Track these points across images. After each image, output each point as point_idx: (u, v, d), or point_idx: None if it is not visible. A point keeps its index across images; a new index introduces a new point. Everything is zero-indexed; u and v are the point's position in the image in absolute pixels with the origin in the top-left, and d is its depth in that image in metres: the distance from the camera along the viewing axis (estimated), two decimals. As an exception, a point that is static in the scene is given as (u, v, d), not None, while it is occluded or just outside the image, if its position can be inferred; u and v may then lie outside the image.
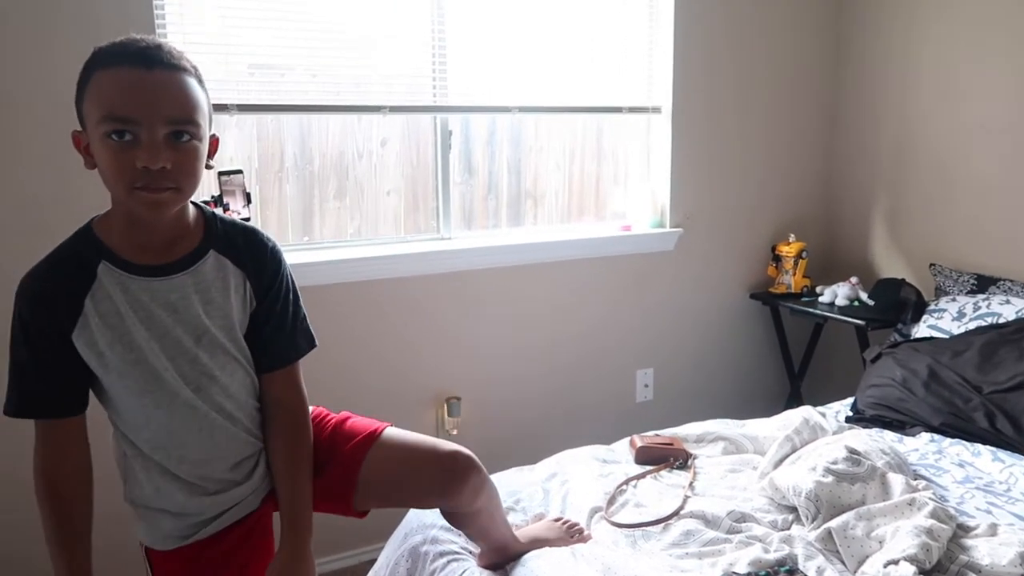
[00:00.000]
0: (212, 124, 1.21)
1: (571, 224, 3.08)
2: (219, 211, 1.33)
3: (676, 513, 1.77)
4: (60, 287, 1.15)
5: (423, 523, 1.77)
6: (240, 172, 2.35)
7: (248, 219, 2.35)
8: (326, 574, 2.58)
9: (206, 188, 2.39)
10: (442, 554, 1.67)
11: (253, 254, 1.28)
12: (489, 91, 2.74)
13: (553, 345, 2.93)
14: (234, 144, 2.47)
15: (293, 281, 1.37)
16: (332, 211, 2.66)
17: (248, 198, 2.36)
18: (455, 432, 2.74)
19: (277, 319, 1.32)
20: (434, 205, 2.78)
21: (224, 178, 2.32)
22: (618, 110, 3.00)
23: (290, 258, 2.42)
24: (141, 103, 1.08)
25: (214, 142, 1.23)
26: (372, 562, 1.92)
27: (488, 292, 2.77)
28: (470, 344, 2.77)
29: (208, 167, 1.22)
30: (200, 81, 1.17)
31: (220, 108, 2.31)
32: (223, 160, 2.43)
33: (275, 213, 2.57)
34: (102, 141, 1.09)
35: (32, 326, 1.15)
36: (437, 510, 1.57)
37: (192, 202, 1.25)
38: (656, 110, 3.05)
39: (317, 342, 1.40)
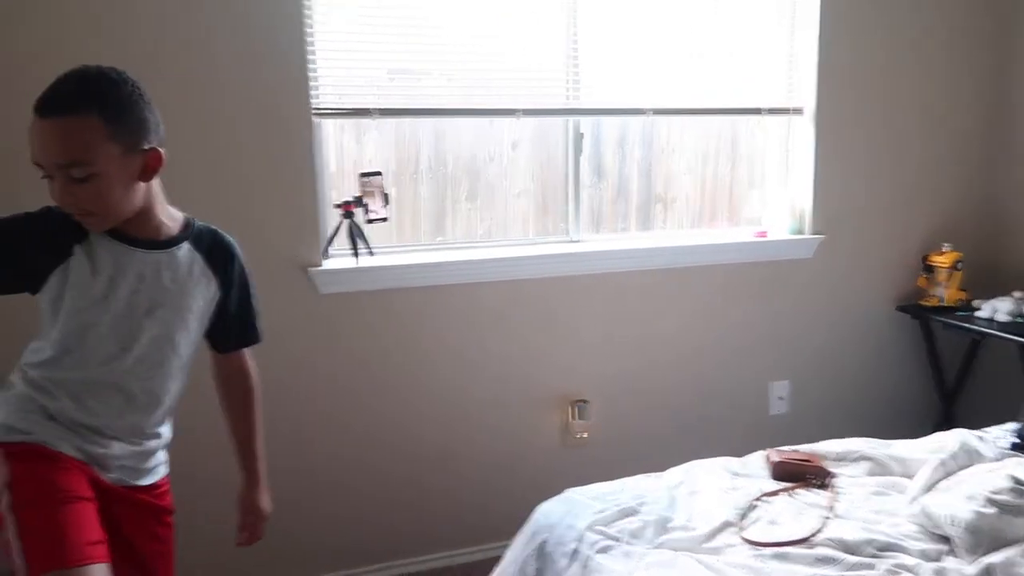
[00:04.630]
0: (144, 143, 1.29)
1: (703, 229, 2.99)
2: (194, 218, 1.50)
3: (815, 534, 1.68)
4: (66, 230, 1.30)
5: (549, 522, 1.77)
6: (379, 174, 2.44)
7: (386, 219, 2.44)
8: (451, 568, 2.63)
9: (350, 190, 2.49)
10: (568, 554, 1.66)
11: (215, 251, 1.46)
12: (622, 93, 2.71)
13: (683, 352, 2.86)
14: (374, 147, 2.57)
15: (251, 280, 1.56)
16: (464, 212, 2.71)
17: (386, 199, 2.44)
18: (582, 435, 2.73)
19: (241, 306, 1.53)
20: (564, 208, 2.77)
21: (364, 179, 2.42)
22: (756, 112, 2.89)
23: (423, 257, 2.53)
24: (38, 151, 1.24)
25: (151, 158, 1.31)
26: (497, 559, 1.93)
27: (617, 296, 2.74)
28: (599, 347, 2.74)
29: (144, 180, 1.31)
30: (107, 113, 1.24)
31: (362, 112, 2.41)
32: (364, 162, 2.53)
33: (410, 214, 2.65)
34: None
35: (26, 231, 1.29)
36: (565, 508, 1.56)
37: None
38: (797, 111, 2.92)
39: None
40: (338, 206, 2.41)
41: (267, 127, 2.27)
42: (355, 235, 2.40)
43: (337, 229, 2.42)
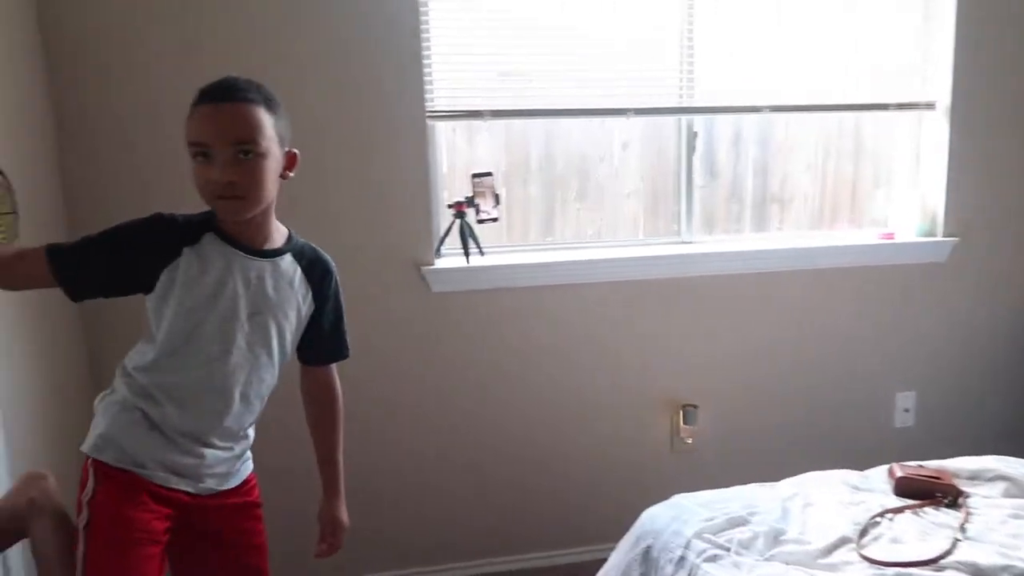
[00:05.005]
0: (286, 143, 1.41)
1: (822, 230, 2.87)
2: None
3: (943, 557, 1.58)
4: (176, 232, 1.39)
5: (656, 528, 1.75)
6: (490, 175, 2.48)
7: (496, 219, 2.48)
8: (555, 567, 2.64)
9: (461, 190, 2.54)
10: (674, 561, 1.63)
11: (316, 267, 1.53)
12: (738, 90, 2.63)
13: (800, 358, 2.74)
14: (485, 148, 2.61)
15: (342, 298, 1.61)
16: (573, 213, 2.71)
17: (497, 199, 2.47)
18: (690, 441, 2.67)
19: (334, 323, 1.59)
20: (675, 208, 2.73)
21: (476, 180, 2.46)
22: (884, 107, 2.73)
23: (532, 257, 2.55)
24: (211, 130, 1.32)
25: (291, 157, 1.43)
26: (601, 561, 1.93)
27: (730, 299, 2.66)
28: (709, 352, 2.68)
29: (284, 178, 1.42)
30: (271, 109, 1.36)
31: (474, 114, 2.46)
32: (475, 163, 2.58)
33: (520, 213, 2.67)
34: (192, 161, 1.34)
35: (137, 240, 1.37)
36: (672, 514, 1.54)
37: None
38: (929, 106, 2.74)
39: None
40: (450, 206, 2.46)
41: (384, 130, 2.34)
42: (466, 235, 2.45)
43: (449, 229, 2.48)
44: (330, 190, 2.33)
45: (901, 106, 2.74)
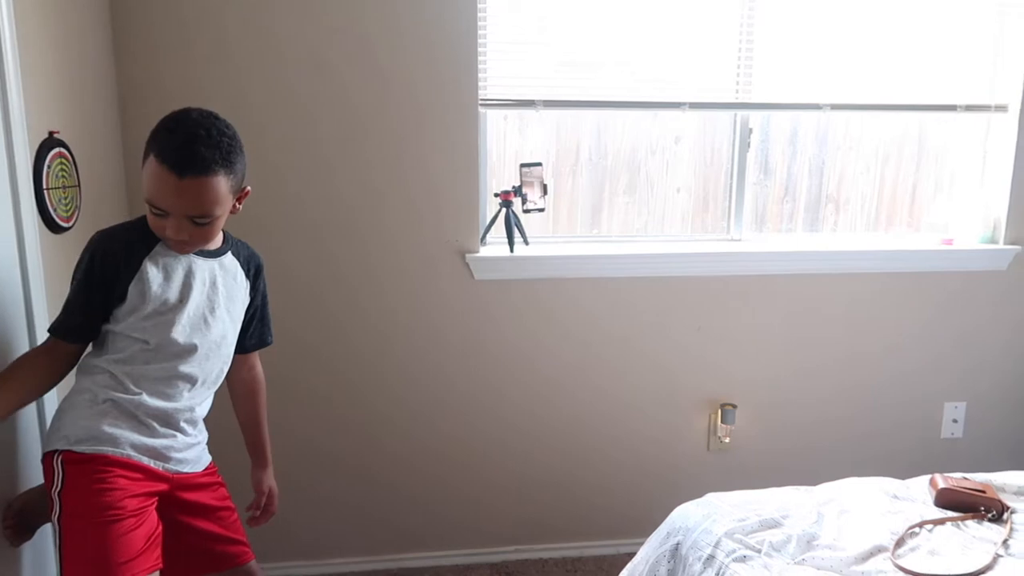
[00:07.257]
0: (243, 182, 1.47)
1: (878, 233, 2.80)
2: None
3: (983, 572, 1.54)
4: (131, 251, 1.44)
5: (686, 525, 1.74)
6: (539, 165, 2.48)
7: (543, 209, 2.48)
8: (583, 559, 2.65)
9: (508, 179, 2.56)
10: (702, 559, 1.63)
11: (251, 262, 1.64)
12: (797, 87, 2.57)
13: (846, 363, 2.69)
14: (535, 138, 2.61)
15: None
16: (621, 206, 2.70)
17: (545, 189, 2.48)
18: (727, 440, 2.65)
19: (261, 312, 1.71)
20: (725, 205, 2.69)
21: (525, 170, 2.47)
22: (951, 108, 2.64)
23: (577, 249, 2.56)
24: (170, 202, 1.38)
25: (244, 193, 1.50)
26: (630, 555, 1.93)
27: (777, 299, 2.62)
28: (752, 351, 2.64)
29: (233, 211, 1.48)
30: (229, 169, 1.40)
31: (527, 104, 2.46)
32: (524, 153, 2.58)
33: (567, 205, 2.67)
34: (147, 204, 1.41)
35: (104, 273, 1.43)
36: (704, 512, 1.53)
37: None
38: (1000, 108, 2.64)
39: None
40: (497, 195, 2.48)
41: (435, 116, 2.36)
42: (511, 224, 2.46)
43: (495, 217, 2.49)
44: (377, 173, 2.36)
45: (969, 108, 2.65)
